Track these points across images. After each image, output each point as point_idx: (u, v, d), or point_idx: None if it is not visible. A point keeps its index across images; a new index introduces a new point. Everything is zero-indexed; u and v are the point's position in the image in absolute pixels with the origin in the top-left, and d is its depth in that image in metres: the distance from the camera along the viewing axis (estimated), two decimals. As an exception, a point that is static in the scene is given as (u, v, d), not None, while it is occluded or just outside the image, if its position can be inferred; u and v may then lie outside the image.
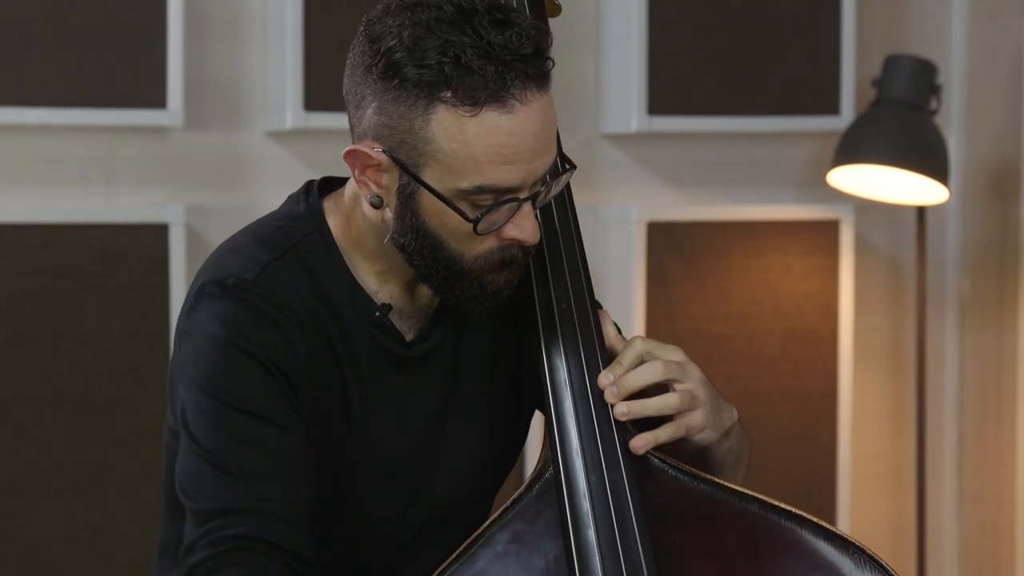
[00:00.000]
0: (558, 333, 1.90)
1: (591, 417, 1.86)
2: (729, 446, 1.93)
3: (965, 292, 4.30)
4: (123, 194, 3.59)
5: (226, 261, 1.87)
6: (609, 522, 1.81)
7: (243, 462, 1.75)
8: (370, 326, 1.86)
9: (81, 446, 3.49)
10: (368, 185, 1.81)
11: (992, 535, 4.24)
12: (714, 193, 4.06)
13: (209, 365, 1.80)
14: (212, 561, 1.71)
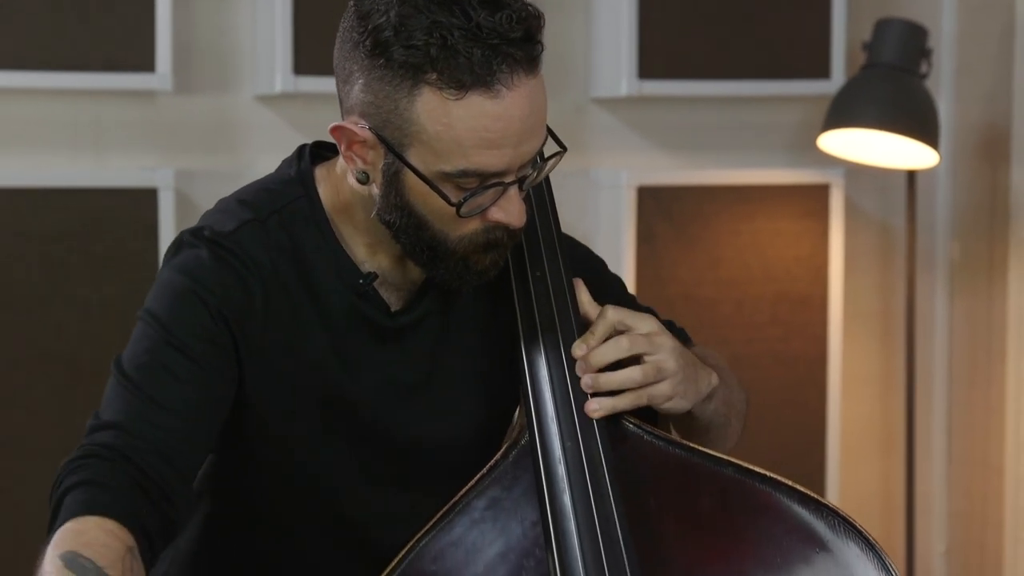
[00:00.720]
0: (532, 301, 1.91)
1: (566, 384, 1.87)
2: (714, 407, 1.94)
3: (955, 256, 4.30)
4: (112, 158, 3.59)
5: (210, 218, 1.89)
6: (584, 487, 1.81)
7: (151, 388, 1.76)
8: (352, 294, 1.86)
9: (71, 410, 3.50)
10: (354, 160, 1.81)
11: (981, 498, 4.26)
12: (704, 157, 4.06)
13: (161, 302, 1.82)
14: (76, 463, 1.73)
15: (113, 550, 1.64)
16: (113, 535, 1.65)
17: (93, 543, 1.63)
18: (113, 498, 1.69)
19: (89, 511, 1.67)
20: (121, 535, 1.66)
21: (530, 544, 1.82)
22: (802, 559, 1.81)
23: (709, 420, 1.95)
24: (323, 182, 1.90)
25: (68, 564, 1.61)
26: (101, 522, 1.66)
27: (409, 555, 1.81)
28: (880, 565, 1.80)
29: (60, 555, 1.62)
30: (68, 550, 1.63)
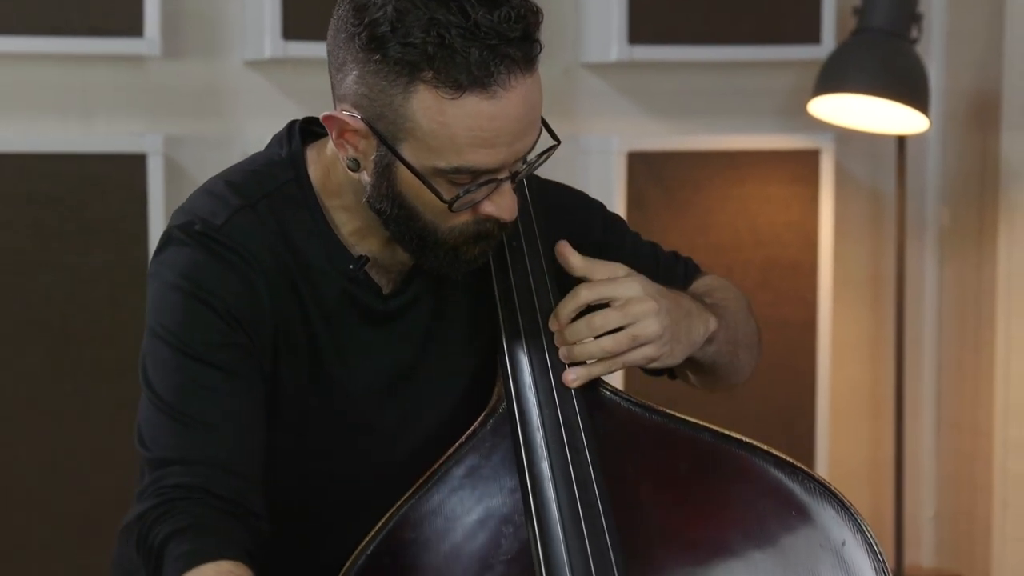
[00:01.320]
0: (508, 271, 1.91)
1: (543, 351, 1.87)
2: (716, 348, 1.94)
3: (944, 221, 4.30)
4: (100, 124, 3.59)
5: (198, 204, 1.85)
6: (563, 453, 1.82)
7: (196, 411, 1.75)
8: (344, 278, 1.85)
9: (60, 375, 3.51)
10: (346, 148, 1.80)
11: (969, 462, 4.27)
12: (694, 123, 4.06)
13: (168, 314, 1.79)
14: (157, 510, 1.72)
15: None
16: (231, 574, 1.67)
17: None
18: (215, 538, 1.69)
19: (201, 559, 1.68)
20: (238, 571, 1.68)
21: (509, 511, 1.82)
22: (778, 522, 1.82)
23: (712, 360, 1.95)
24: (313, 164, 1.88)
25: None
26: (217, 567, 1.67)
27: (388, 524, 1.81)
28: (855, 527, 1.81)
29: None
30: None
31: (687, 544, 1.81)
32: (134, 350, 3.53)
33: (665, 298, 1.87)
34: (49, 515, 3.53)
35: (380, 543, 1.80)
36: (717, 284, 2.05)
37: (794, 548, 1.80)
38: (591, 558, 1.75)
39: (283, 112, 3.64)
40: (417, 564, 1.80)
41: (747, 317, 2.02)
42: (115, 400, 3.53)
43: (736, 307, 2.00)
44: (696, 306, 1.92)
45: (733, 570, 1.80)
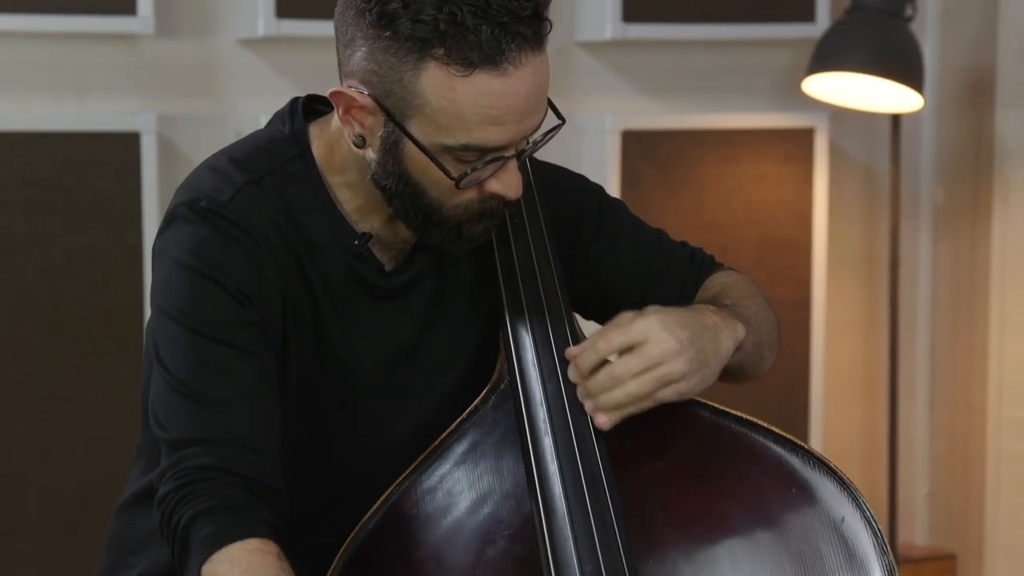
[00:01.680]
0: (511, 247, 1.91)
1: (546, 328, 1.87)
2: (743, 352, 1.93)
3: (939, 200, 4.30)
4: (94, 102, 3.58)
5: (202, 181, 1.85)
6: (566, 429, 1.82)
7: (211, 390, 1.75)
8: (348, 255, 1.85)
9: (53, 355, 3.50)
10: (352, 124, 1.79)
11: (963, 442, 4.28)
12: (689, 101, 4.05)
13: (178, 293, 1.79)
14: (179, 492, 1.72)
15: (269, 566, 1.67)
16: (261, 552, 1.68)
17: (252, 567, 1.66)
18: (240, 518, 1.70)
19: (228, 540, 1.68)
20: (266, 547, 1.68)
21: (511, 486, 1.82)
22: (778, 498, 1.82)
23: (739, 364, 1.94)
24: (316, 140, 1.88)
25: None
26: (244, 545, 1.68)
27: (389, 500, 1.82)
28: (855, 504, 1.82)
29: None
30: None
31: (688, 520, 1.82)
32: (128, 329, 3.56)
33: (686, 327, 1.83)
34: (42, 495, 3.52)
35: (381, 519, 1.80)
36: (731, 281, 2.02)
37: (794, 524, 1.81)
38: (595, 532, 1.75)
39: (277, 90, 3.64)
40: (418, 539, 1.80)
41: (768, 314, 2.00)
42: (108, 380, 3.52)
43: (756, 306, 1.99)
44: (721, 318, 1.89)
45: (734, 546, 1.80)
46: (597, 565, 1.74)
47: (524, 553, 1.78)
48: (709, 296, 1.98)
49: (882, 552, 1.80)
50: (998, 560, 4.17)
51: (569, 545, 1.75)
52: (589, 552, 1.74)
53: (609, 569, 1.74)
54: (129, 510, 2.00)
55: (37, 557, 3.53)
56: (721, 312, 1.91)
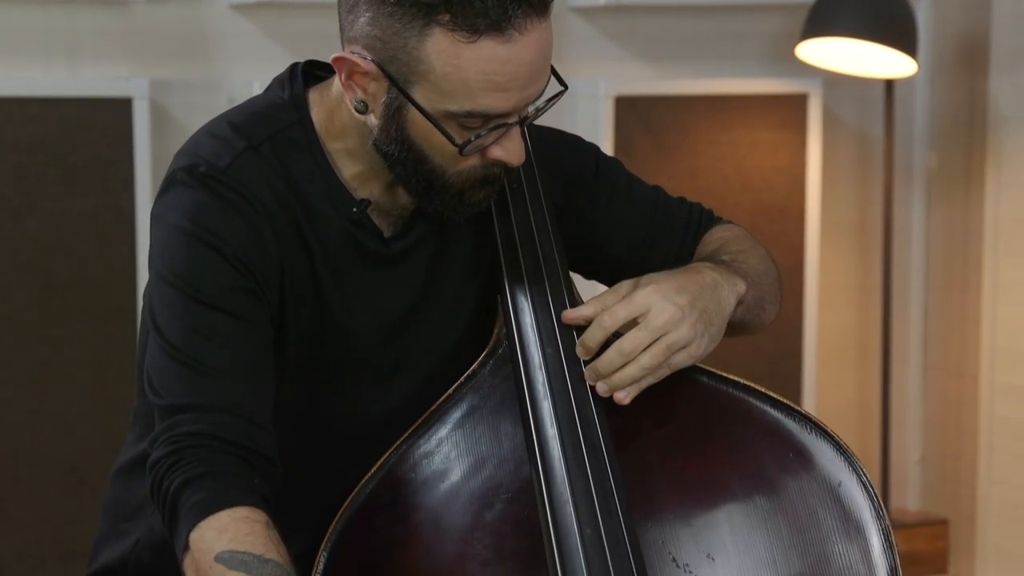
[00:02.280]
0: (510, 213, 1.90)
1: (544, 292, 1.87)
2: (745, 307, 1.93)
3: (932, 165, 4.30)
4: (86, 67, 3.57)
5: (201, 145, 1.84)
6: (565, 393, 1.82)
7: (207, 357, 1.74)
8: (347, 221, 1.84)
9: (46, 321, 3.50)
10: (354, 90, 1.78)
11: (955, 407, 4.29)
12: (682, 67, 4.04)
13: (174, 258, 1.78)
14: (171, 458, 1.71)
15: (258, 534, 1.66)
16: (249, 520, 1.67)
17: (239, 536, 1.66)
18: (230, 485, 1.69)
19: (217, 506, 1.68)
20: (255, 516, 1.68)
21: (508, 451, 1.82)
22: (776, 462, 1.82)
23: (741, 319, 1.94)
24: (316, 106, 1.87)
25: (229, 564, 1.64)
26: (232, 512, 1.67)
27: (387, 464, 1.81)
28: (851, 468, 1.82)
29: (216, 558, 1.65)
30: (222, 550, 1.65)
31: (687, 484, 1.82)
32: (121, 295, 3.55)
33: (685, 291, 1.83)
34: (36, 461, 3.53)
35: (379, 482, 1.80)
36: (731, 235, 2.02)
37: (791, 488, 1.81)
38: (595, 495, 1.75)
39: (269, 56, 3.63)
40: (416, 502, 1.80)
41: (768, 266, 2.00)
42: (101, 345, 3.52)
43: (755, 257, 1.99)
44: (720, 274, 1.89)
45: (732, 510, 1.80)
46: (596, 528, 1.74)
47: (523, 516, 1.78)
48: (708, 252, 1.98)
49: (878, 516, 1.80)
50: (990, 525, 4.18)
51: (568, 508, 1.75)
52: (588, 515, 1.75)
53: (608, 532, 1.74)
54: (125, 476, 2.00)
55: (32, 523, 3.53)
56: (719, 268, 1.91)
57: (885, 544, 1.79)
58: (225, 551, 1.64)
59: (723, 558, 1.78)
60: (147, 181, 3.50)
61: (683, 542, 1.78)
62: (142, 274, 3.51)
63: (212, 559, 1.64)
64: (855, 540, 1.79)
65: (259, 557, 1.64)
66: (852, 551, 1.79)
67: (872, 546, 1.79)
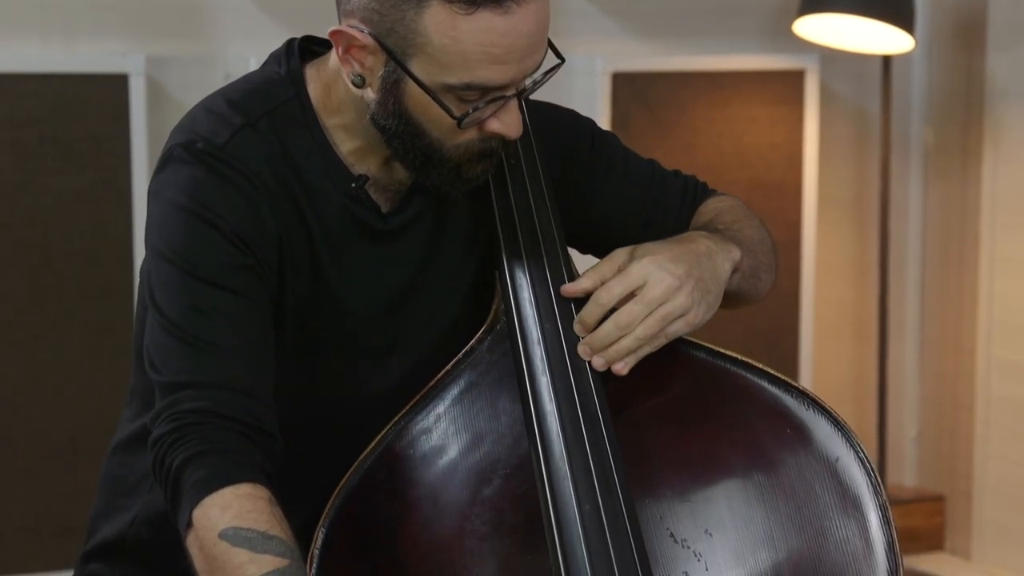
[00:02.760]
0: (508, 188, 1.90)
1: (543, 267, 1.87)
2: (740, 275, 1.93)
3: (929, 141, 4.30)
4: (82, 44, 3.56)
5: (199, 122, 1.83)
6: (564, 368, 1.82)
7: (206, 333, 1.74)
8: (345, 198, 1.84)
9: (42, 297, 3.50)
10: (351, 64, 1.78)
11: (952, 382, 4.29)
12: (679, 43, 4.04)
13: (173, 234, 1.78)
14: (173, 435, 1.71)
15: (261, 511, 1.66)
16: (252, 497, 1.67)
17: (242, 512, 1.66)
18: (232, 462, 1.69)
19: (219, 483, 1.67)
20: (258, 492, 1.68)
21: (506, 426, 1.82)
22: (774, 438, 1.82)
23: (737, 288, 1.94)
24: (313, 82, 1.86)
25: (233, 540, 1.64)
26: (235, 489, 1.67)
27: (384, 440, 1.81)
28: (848, 444, 1.82)
29: (220, 535, 1.65)
30: (225, 527, 1.65)
31: (685, 460, 1.82)
32: (117, 271, 3.55)
33: (681, 260, 1.84)
34: (33, 437, 3.53)
35: (377, 458, 1.80)
36: (725, 206, 2.02)
37: (789, 464, 1.81)
38: (593, 471, 1.76)
39: (265, 32, 3.62)
40: (414, 478, 1.80)
41: (763, 236, 2.00)
42: (97, 321, 3.52)
43: (750, 227, 1.98)
44: (714, 242, 1.89)
45: (729, 485, 1.81)
46: (595, 504, 1.74)
47: (521, 492, 1.78)
48: (703, 222, 1.98)
49: (875, 492, 1.80)
50: (986, 501, 4.19)
51: (567, 484, 1.75)
52: (587, 491, 1.75)
53: (607, 508, 1.74)
54: (122, 452, 2.00)
55: (29, 499, 3.54)
56: (714, 236, 1.91)
57: (882, 520, 1.79)
58: (229, 528, 1.64)
59: (721, 534, 1.78)
60: (143, 157, 3.49)
61: (681, 518, 1.78)
62: (138, 250, 3.51)
63: (216, 536, 1.64)
64: (852, 516, 1.79)
65: (263, 534, 1.64)
66: (849, 526, 1.79)
67: (869, 522, 1.79)
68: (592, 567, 1.72)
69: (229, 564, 1.63)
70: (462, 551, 1.77)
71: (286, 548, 1.64)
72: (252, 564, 1.62)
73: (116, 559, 1.97)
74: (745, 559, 1.77)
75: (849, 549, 1.78)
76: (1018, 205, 4.05)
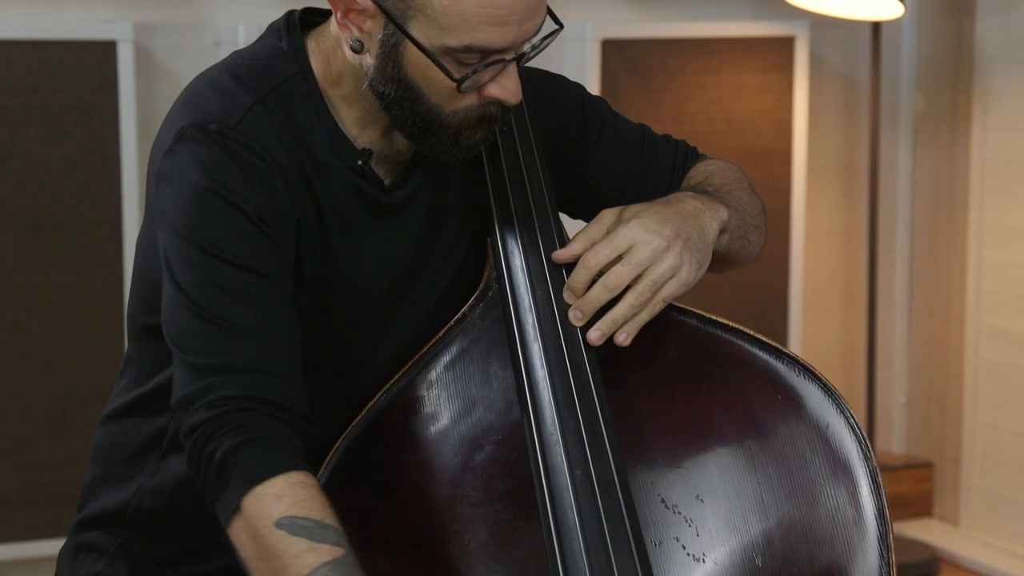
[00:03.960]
0: (500, 155, 1.89)
1: (535, 233, 1.86)
2: (729, 236, 1.92)
3: (919, 108, 4.30)
4: (70, 10, 3.54)
5: (207, 100, 1.81)
6: (555, 334, 1.81)
7: (233, 315, 1.73)
8: (351, 173, 1.83)
9: (31, 265, 3.49)
10: (350, 28, 1.77)
11: (941, 350, 4.30)
12: (669, 10, 4.03)
13: (192, 215, 1.76)
14: (213, 424, 1.70)
15: (315, 500, 1.66)
16: (305, 485, 1.66)
17: (297, 501, 1.65)
18: (280, 449, 1.68)
19: (271, 472, 1.66)
20: (307, 480, 1.67)
21: (498, 393, 1.82)
22: (764, 404, 1.82)
23: (726, 249, 1.93)
24: (314, 54, 1.85)
25: (290, 530, 1.63)
26: (288, 478, 1.66)
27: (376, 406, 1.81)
28: (838, 410, 1.82)
29: (276, 524, 1.64)
30: (281, 516, 1.64)
31: (676, 426, 1.82)
32: (105, 239, 3.54)
33: (668, 221, 1.83)
34: (23, 405, 3.53)
35: (368, 425, 1.80)
36: (715, 168, 2.02)
37: (779, 430, 1.81)
38: (585, 437, 1.75)
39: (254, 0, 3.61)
40: (406, 444, 1.80)
41: (751, 197, 2.00)
42: (87, 289, 3.52)
43: (739, 189, 1.98)
44: (701, 202, 1.89)
45: (721, 452, 1.81)
46: (587, 470, 1.74)
47: (513, 458, 1.78)
48: (693, 184, 1.98)
49: (865, 458, 1.80)
50: (975, 468, 4.20)
51: (558, 450, 1.75)
52: (579, 457, 1.75)
53: (598, 474, 1.74)
54: (117, 421, 1.99)
55: (19, 468, 3.54)
56: (701, 196, 1.90)
57: (872, 486, 1.79)
58: (285, 517, 1.63)
59: (712, 499, 1.78)
60: (131, 124, 3.48)
61: (672, 484, 1.79)
62: (127, 217, 3.50)
63: (271, 524, 1.63)
64: (842, 481, 1.79)
65: (319, 523, 1.64)
66: (840, 492, 1.79)
67: (860, 488, 1.79)
68: (584, 533, 1.72)
69: (287, 553, 1.62)
70: (454, 517, 1.77)
71: (341, 537, 1.64)
72: (311, 553, 1.62)
73: (118, 528, 1.97)
74: (736, 525, 1.77)
75: (839, 515, 1.78)
76: (1007, 172, 4.05)
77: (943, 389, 4.30)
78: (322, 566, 1.61)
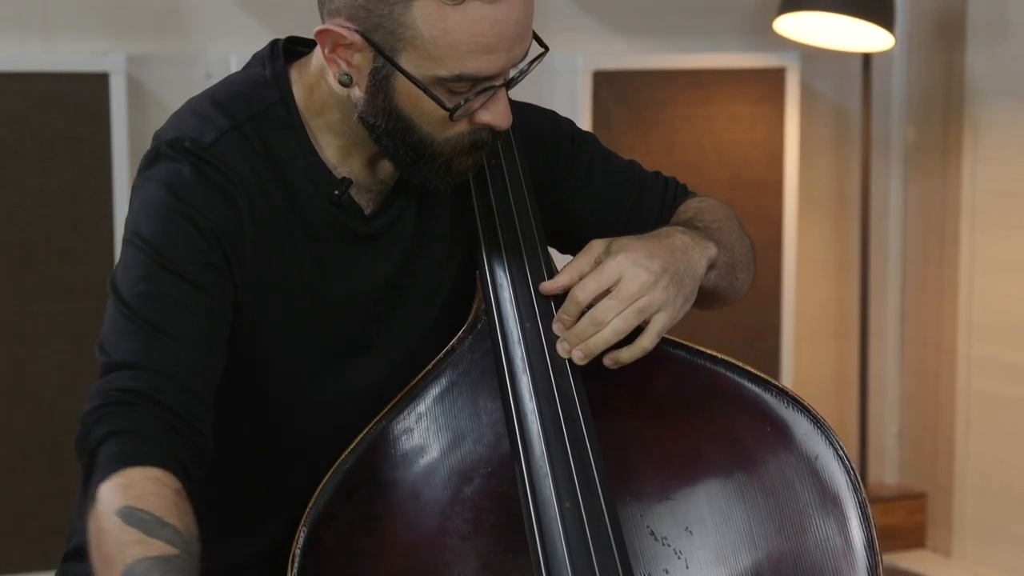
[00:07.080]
0: (488, 186, 1.90)
1: (523, 266, 1.87)
2: (716, 274, 1.92)
3: (909, 139, 4.31)
4: (62, 42, 3.55)
5: (186, 123, 1.83)
6: (544, 367, 1.81)
7: (159, 320, 1.72)
8: (327, 202, 1.83)
9: (23, 296, 3.49)
10: (338, 63, 1.78)
11: (933, 380, 4.30)
12: (660, 41, 4.04)
13: (148, 224, 1.77)
14: (99, 411, 1.69)
15: (164, 497, 1.63)
16: (160, 483, 1.64)
17: (144, 494, 1.63)
18: (149, 445, 1.67)
19: (130, 463, 1.65)
20: (167, 480, 1.65)
21: (487, 426, 1.82)
22: (753, 436, 1.82)
23: (714, 286, 1.93)
24: (297, 83, 1.86)
25: (126, 519, 1.61)
26: (145, 471, 1.65)
27: (365, 440, 1.81)
28: (828, 442, 1.82)
29: (115, 512, 1.61)
30: (123, 505, 1.61)
31: (665, 458, 1.82)
32: (97, 271, 3.54)
33: (656, 256, 1.83)
34: (14, 438, 3.52)
35: (357, 460, 1.80)
36: (705, 206, 2.02)
37: (769, 462, 1.81)
38: (574, 469, 1.75)
39: (247, 30, 3.62)
40: (395, 478, 1.80)
41: (741, 235, 2.00)
42: (78, 321, 3.51)
43: (728, 227, 1.98)
44: (690, 238, 1.89)
45: (710, 483, 1.81)
46: (576, 502, 1.74)
47: (502, 491, 1.78)
48: (682, 220, 1.98)
49: (855, 489, 1.81)
50: (967, 499, 4.20)
51: (548, 483, 1.75)
52: (568, 490, 1.75)
53: (588, 506, 1.74)
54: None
55: (9, 500, 3.53)
56: (690, 232, 1.91)
57: (861, 517, 1.79)
58: (126, 506, 1.61)
59: (702, 532, 1.78)
60: (124, 156, 3.49)
61: (662, 516, 1.78)
62: (119, 249, 3.50)
63: (112, 512, 1.61)
64: (832, 513, 1.79)
65: (159, 519, 1.60)
66: (829, 524, 1.79)
67: (849, 519, 1.79)
68: (573, 566, 1.72)
69: (116, 541, 1.59)
70: (443, 550, 1.77)
71: (179, 539, 1.61)
72: (139, 545, 1.59)
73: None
74: (726, 557, 1.77)
75: (829, 546, 1.78)
76: (998, 203, 4.06)
77: (935, 420, 4.30)
78: (143, 559, 1.57)
